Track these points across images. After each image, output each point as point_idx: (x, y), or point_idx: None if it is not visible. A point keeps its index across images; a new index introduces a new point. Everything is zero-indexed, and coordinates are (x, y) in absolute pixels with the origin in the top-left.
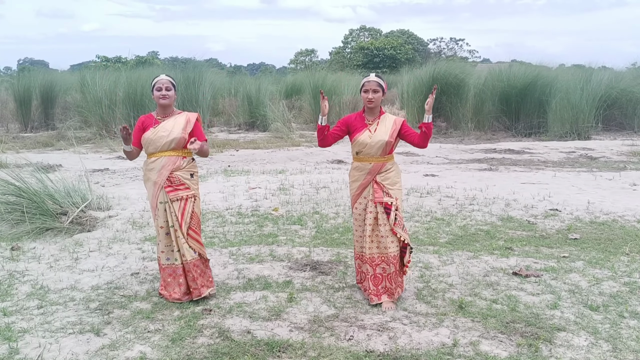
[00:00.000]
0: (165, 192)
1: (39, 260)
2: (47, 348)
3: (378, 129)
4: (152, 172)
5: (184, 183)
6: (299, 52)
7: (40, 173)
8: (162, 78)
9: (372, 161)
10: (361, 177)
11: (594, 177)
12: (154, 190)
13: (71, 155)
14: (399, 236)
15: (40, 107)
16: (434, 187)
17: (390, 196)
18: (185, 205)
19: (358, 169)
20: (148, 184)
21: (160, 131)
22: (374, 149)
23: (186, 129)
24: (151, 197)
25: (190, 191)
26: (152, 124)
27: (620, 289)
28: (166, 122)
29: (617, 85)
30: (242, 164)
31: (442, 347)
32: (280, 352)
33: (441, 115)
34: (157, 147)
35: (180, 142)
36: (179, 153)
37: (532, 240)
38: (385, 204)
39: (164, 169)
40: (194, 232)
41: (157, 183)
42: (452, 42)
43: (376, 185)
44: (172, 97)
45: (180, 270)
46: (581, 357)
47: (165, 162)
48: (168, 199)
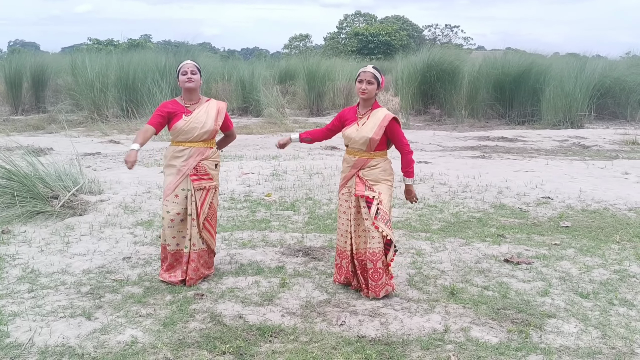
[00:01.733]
0: (191, 181)
1: (29, 244)
2: (37, 332)
3: (366, 124)
4: (178, 160)
5: (208, 173)
6: (293, 37)
7: (31, 156)
8: (187, 62)
9: (356, 155)
10: (347, 169)
11: (586, 166)
12: (177, 177)
13: (62, 139)
14: (381, 231)
15: (31, 89)
16: (427, 174)
17: (373, 190)
18: (206, 195)
19: (345, 160)
20: (169, 170)
21: (193, 122)
22: (358, 143)
23: (217, 120)
24: (169, 184)
25: (213, 182)
26: (183, 112)
27: (610, 276)
28: (198, 113)
29: (611, 74)
30: (235, 149)
31: (434, 332)
32: (272, 337)
33: (435, 103)
34: (188, 138)
35: (212, 134)
36: (207, 144)
37: (524, 227)
38: (367, 198)
39: (191, 158)
40: (209, 224)
41: (182, 171)
42: (447, 29)
43: (358, 179)
44: (198, 81)
45: (187, 257)
46: (571, 343)
47: (194, 152)
48: (192, 187)
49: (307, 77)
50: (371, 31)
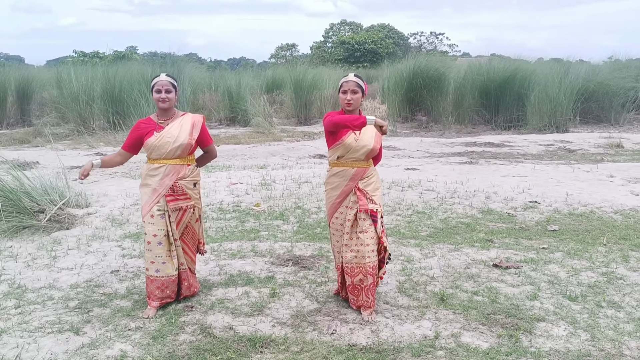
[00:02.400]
0: (166, 201)
1: (16, 259)
2: (25, 348)
3: (363, 132)
4: (153, 179)
5: (185, 193)
6: (279, 46)
7: (16, 170)
8: (161, 79)
9: (355, 166)
10: (342, 183)
11: (572, 170)
12: (152, 197)
13: (48, 152)
14: (385, 245)
15: (16, 103)
16: (415, 181)
17: (375, 203)
18: (182, 216)
19: (339, 175)
20: (145, 190)
21: (165, 137)
22: (358, 153)
23: (192, 134)
24: (145, 204)
25: (190, 201)
26: (155, 128)
27: (598, 279)
28: (171, 127)
29: (594, 78)
30: (223, 159)
31: (424, 339)
32: (262, 347)
33: (422, 109)
34: (161, 154)
35: (186, 149)
36: (183, 161)
37: (512, 232)
38: (371, 212)
39: (167, 177)
40: (185, 244)
41: (157, 191)
42: (433, 37)
43: (359, 192)
44: (173, 99)
45: (171, 280)
46: (560, 346)
47: (169, 170)
48: (168, 208)
49: (294, 86)
50: (357, 40)
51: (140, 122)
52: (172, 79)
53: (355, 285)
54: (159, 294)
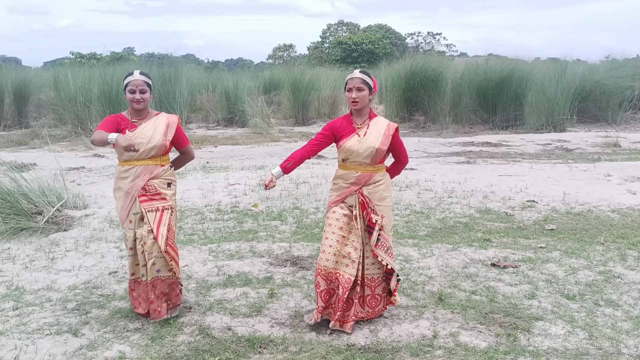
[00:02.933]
0: (139, 202)
1: (13, 261)
2: (23, 350)
3: (368, 134)
4: (124, 181)
5: (159, 192)
6: (277, 47)
7: (13, 172)
8: (135, 79)
9: (359, 170)
10: (345, 186)
11: (569, 169)
12: (126, 201)
13: (46, 154)
14: (380, 259)
15: (13, 105)
16: (412, 181)
17: (376, 213)
18: (161, 216)
19: (343, 177)
20: (118, 194)
21: (138, 137)
22: (362, 156)
23: (167, 135)
24: (121, 209)
25: (167, 202)
26: (128, 127)
27: (595, 277)
28: (145, 127)
29: (591, 77)
30: (221, 160)
31: (423, 339)
32: (261, 347)
33: (419, 109)
34: (132, 155)
35: (161, 150)
36: (156, 161)
37: (509, 231)
38: (369, 222)
39: (138, 178)
40: (171, 247)
41: (130, 193)
42: (430, 37)
43: (362, 199)
44: (148, 100)
45: (147, 286)
46: (559, 345)
47: (141, 171)
48: (142, 209)
49: (292, 86)
50: (354, 40)
51: (111, 116)
52: (147, 78)
53: (374, 295)
54: (138, 297)
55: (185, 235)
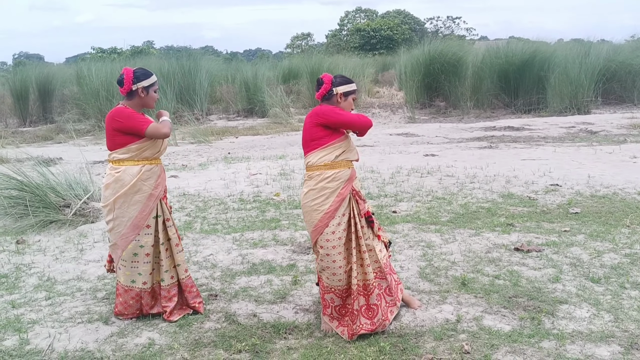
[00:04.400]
0: (165, 204)
1: (44, 253)
2: (57, 338)
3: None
4: (147, 182)
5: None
6: (295, 36)
7: (41, 166)
8: (156, 80)
9: (350, 166)
10: (339, 186)
11: (594, 151)
12: (148, 204)
13: (71, 148)
14: (383, 239)
15: (38, 101)
16: (434, 167)
17: (365, 201)
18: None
19: (335, 179)
20: (137, 198)
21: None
22: (353, 151)
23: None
24: (139, 213)
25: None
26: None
27: (621, 260)
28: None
29: (616, 58)
30: (242, 150)
31: (446, 323)
32: (286, 333)
33: (440, 95)
34: (153, 152)
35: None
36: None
37: (533, 215)
38: (367, 214)
39: (160, 178)
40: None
41: (154, 195)
42: (449, 21)
43: (357, 196)
44: None
45: (170, 289)
46: (583, 328)
47: (161, 170)
48: (167, 210)
49: (311, 75)
50: (373, 27)
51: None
52: None
53: (378, 295)
54: (155, 302)
55: (209, 225)
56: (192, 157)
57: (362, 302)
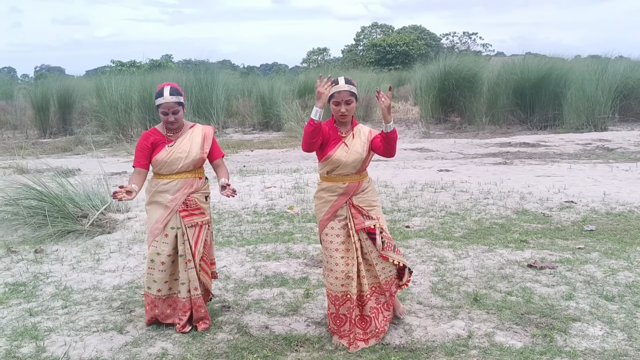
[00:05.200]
0: (181, 217)
1: (61, 262)
2: (72, 346)
3: (354, 143)
4: (163, 195)
5: (199, 207)
6: (311, 51)
7: (60, 177)
8: (167, 100)
9: (346, 181)
10: (332, 199)
11: (610, 169)
12: (163, 214)
13: (89, 160)
14: (391, 260)
15: (58, 113)
16: (448, 182)
17: (372, 218)
18: (199, 233)
19: (329, 190)
20: (154, 207)
21: (176, 152)
22: (349, 167)
23: (204, 147)
24: (156, 222)
25: (205, 217)
26: (165, 141)
27: (636, 278)
28: (182, 142)
29: (634, 74)
30: (257, 163)
31: (457, 338)
32: (298, 346)
33: (455, 110)
34: (172, 170)
35: (198, 163)
36: (195, 174)
37: (547, 232)
38: (368, 229)
39: (179, 192)
40: (205, 264)
41: (170, 207)
42: (465, 37)
43: (354, 210)
44: (181, 118)
45: (187, 304)
46: (596, 346)
47: (182, 184)
48: (183, 224)
49: None
50: (389, 42)
51: (146, 134)
52: (178, 96)
53: (373, 308)
54: (173, 313)
55: (223, 237)
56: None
57: (357, 313)
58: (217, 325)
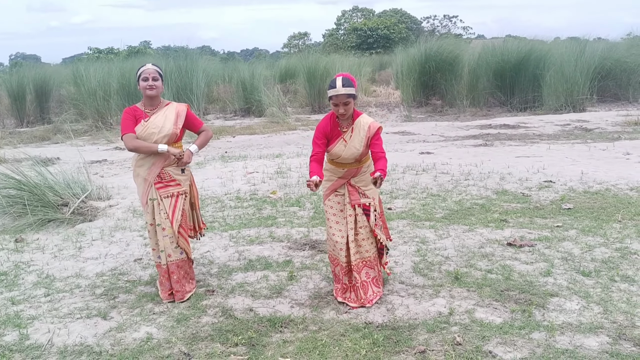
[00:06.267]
0: (155, 189)
1: (43, 251)
2: (56, 333)
3: (352, 138)
4: (142, 169)
5: (174, 179)
6: (292, 35)
7: (39, 166)
8: (148, 67)
9: (345, 167)
10: (334, 178)
11: (587, 148)
12: (144, 187)
13: (69, 148)
14: (378, 238)
15: (35, 101)
16: (429, 165)
17: (367, 197)
18: (176, 202)
19: (331, 171)
20: (138, 180)
21: (150, 127)
22: (348, 159)
23: (177, 123)
24: (141, 194)
25: (182, 187)
26: (143, 116)
27: (612, 254)
28: (156, 117)
29: (611, 56)
30: (239, 149)
31: (439, 316)
32: (282, 327)
33: (436, 93)
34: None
35: (172, 138)
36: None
37: (526, 211)
38: (364, 205)
39: (154, 165)
40: (184, 230)
41: (147, 180)
42: (446, 20)
43: (350, 188)
44: (160, 87)
45: (165, 270)
46: (573, 320)
47: (155, 159)
48: (158, 195)
49: (307, 75)
50: (369, 26)
51: (128, 109)
52: (159, 68)
53: (363, 281)
54: (163, 280)
55: (206, 223)
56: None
57: (346, 279)
58: (201, 309)
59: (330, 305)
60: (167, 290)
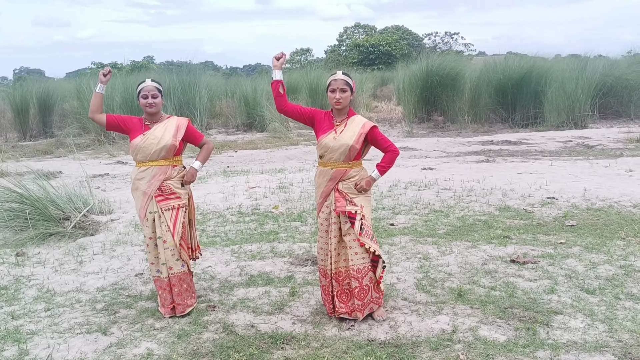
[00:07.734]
0: (156, 202)
1: (44, 265)
2: (56, 348)
3: (344, 132)
4: (141, 182)
5: (175, 192)
6: (294, 51)
7: (41, 180)
8: (147, 85)
9: (334, 166)
10: (323, 183)
11: (590, 165)
12: (143, 200)
13: (71, 162)
14: (367, 247)
15: (38, 115)
16: (431, 180)
17: (354, 204)
18: (177, 214)
19: (321, 174)
20: (137, 194)
21: (149, 138)
22: (337, 153)
23: (177, 135)
24: (139, 208)
25: (182, 200)
26: (142, 129)
27: (616, 272)
28: (156, 129)
29: (612, 73)
30: (241, 164)
31: (442, 333)
32: (284, 344)
33: (438, 109)
34: (146, 156)
35: (171, 150)
36: (169, 162)
37: (529, 228)
38: (349, 213)
39: (154, 178)
40: (185, 243)
41: (147, 193)
42: (447, 36)
43: (338, 194)
44: (159, 104)
45: (166, 283)
46: (578, 338)
47: (155, 171)
48: (159, 208)
49: (310, 90)
50: (371, 42)
51: (133, 117)
52: (158, 84)
53: (343, 290)
54: (163, 294)
55: (207, 238)
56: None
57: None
58: (202, 324)
59: (332, 322)
60: (169, 304)
